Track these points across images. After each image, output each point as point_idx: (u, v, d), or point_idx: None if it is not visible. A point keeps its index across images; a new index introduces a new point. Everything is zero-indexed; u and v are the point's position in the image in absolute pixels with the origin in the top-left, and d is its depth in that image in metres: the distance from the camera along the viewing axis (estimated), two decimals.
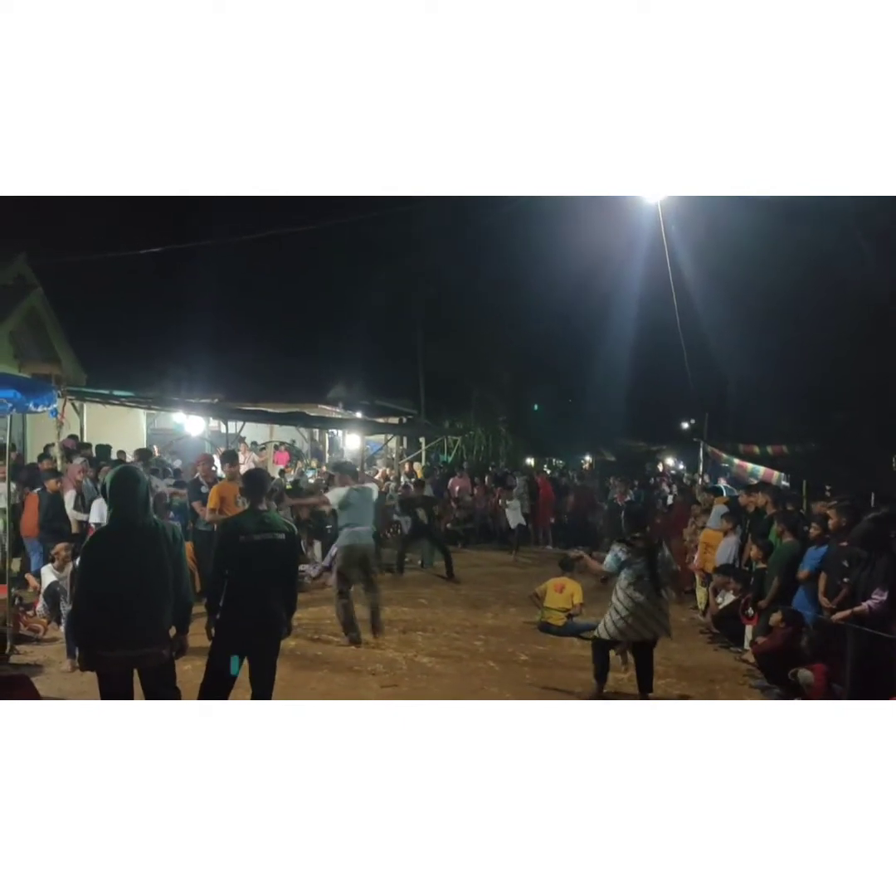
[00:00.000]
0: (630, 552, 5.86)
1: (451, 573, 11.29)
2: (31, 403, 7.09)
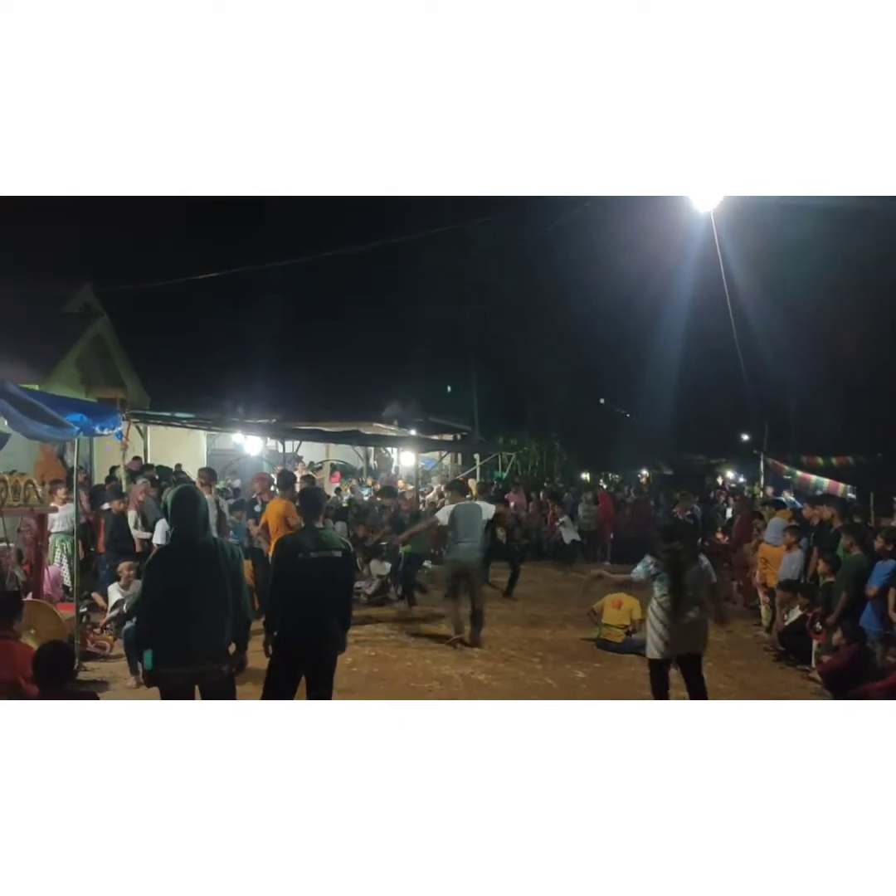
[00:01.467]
0: (660, 565, 5.81)
1: (510, 591, 11.23)
2: (97, 427, 7.31)
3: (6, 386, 5.33)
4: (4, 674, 4.29)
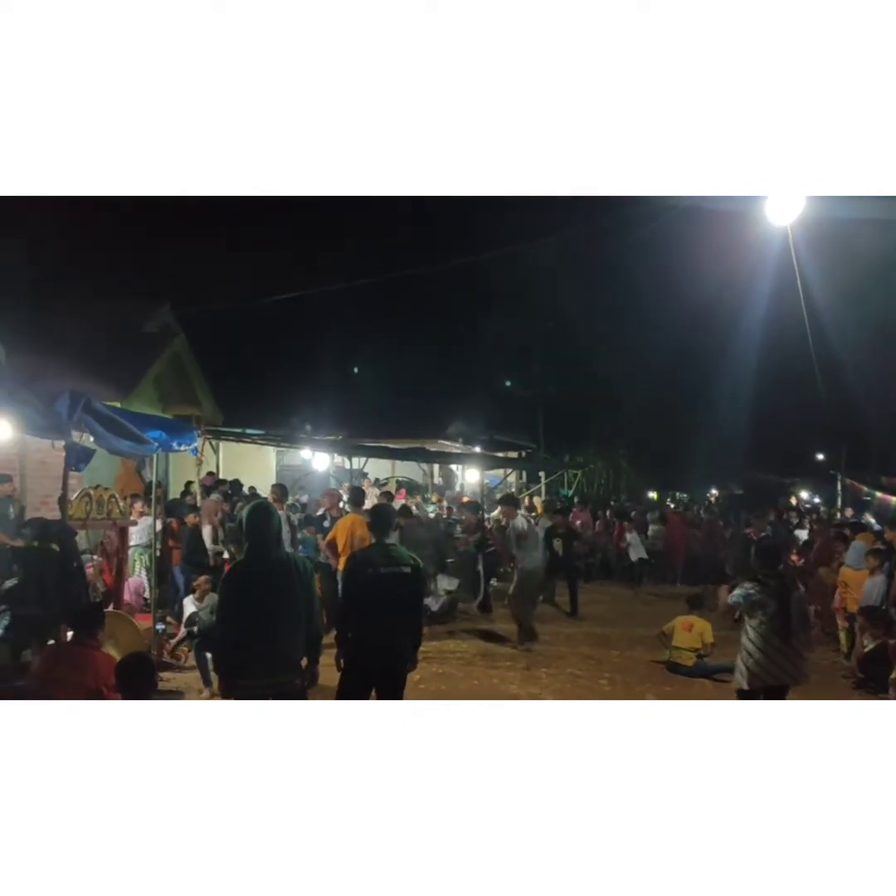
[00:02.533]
0: (762, 591, 5.54)
1: (574, 610, 11.11)
2: (175, 443, 7.56)
3: (92, 403, 5.55)
4: (88, 682, 4.44)
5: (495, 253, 12.06)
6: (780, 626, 5.40)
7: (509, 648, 8.71)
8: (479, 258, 12.98)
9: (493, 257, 12.34)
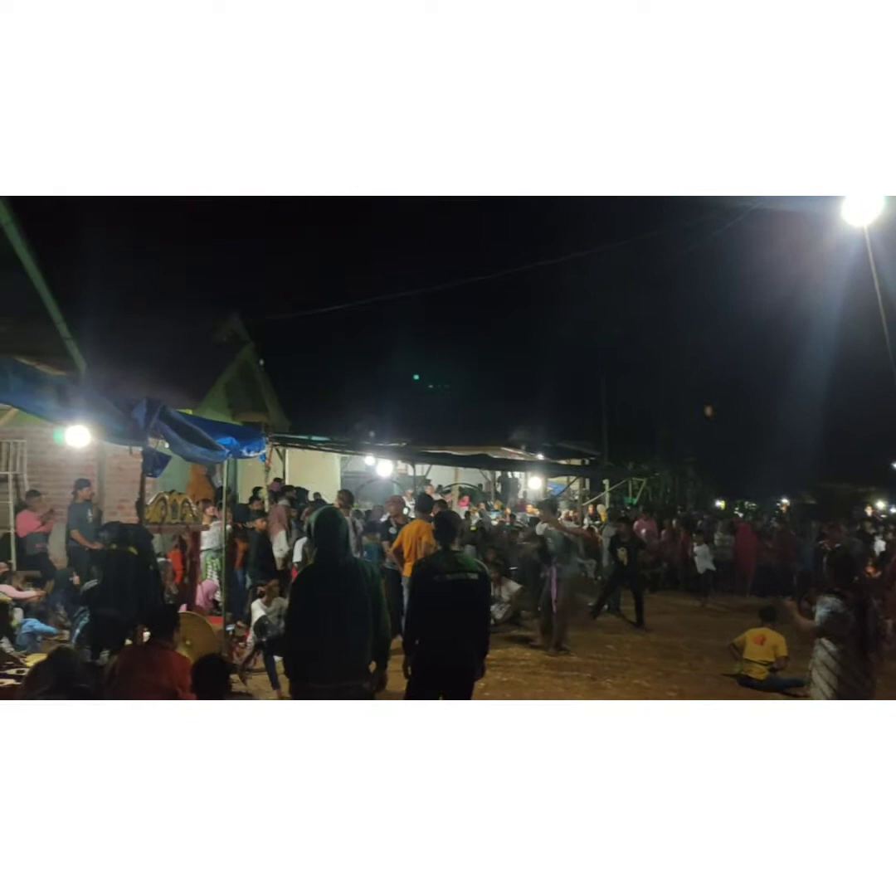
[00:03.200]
0: (845, 605, 5.34)
1: (640, 620, 10.95)
2: (244, 449, 7.71)
3: (168, 411, 5.70)
4: (163, 682, 4.57)
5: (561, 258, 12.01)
6: (859, 642, 5.21)
7: (575, 657, 8.62)
8: (545, 263, 12.93)
9: (560, 262, 12.27)
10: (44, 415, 5.14)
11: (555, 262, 12.32)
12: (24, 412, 5.89)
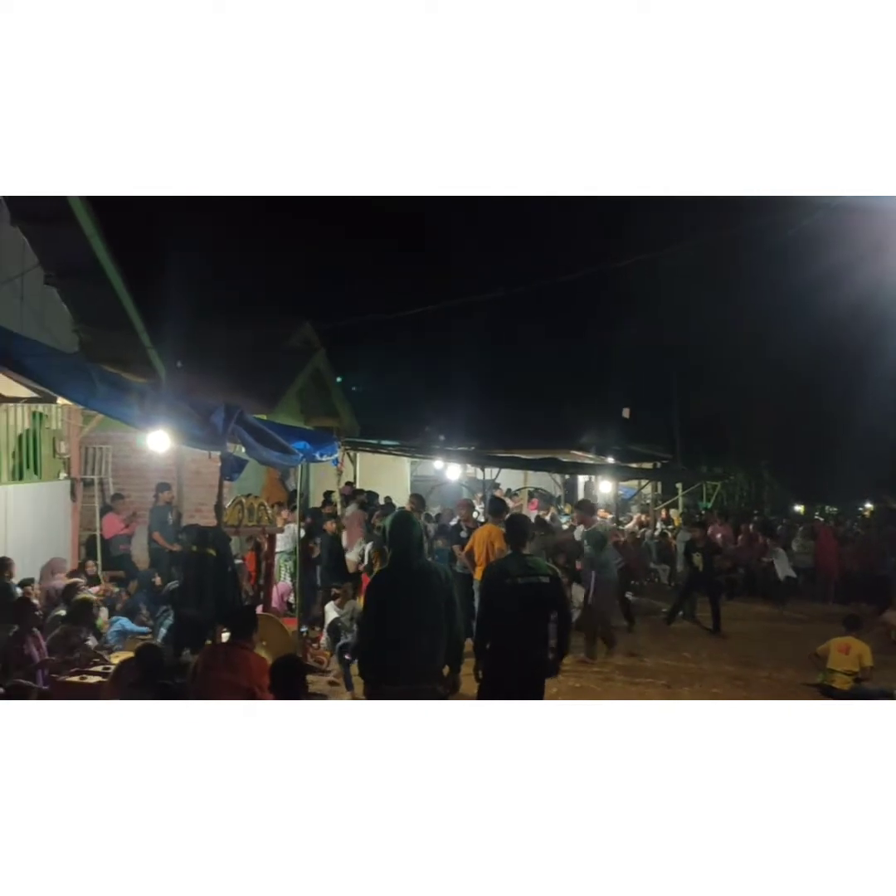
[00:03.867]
0: None
1: (717, 626, 10.69)
2: (317, 453, 7.85)
3: (244, 416, 5.84)
4: (242, 682, 4.67)
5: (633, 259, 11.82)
6: None
7: (649, 664, 8.48)
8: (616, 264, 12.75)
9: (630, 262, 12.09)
10: (128, 420, 5.34)
11: (627, 264, 12.13)
12: (110, 418, 6.13)
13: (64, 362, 5.10)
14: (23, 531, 8.55)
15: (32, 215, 8.29)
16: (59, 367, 4.92)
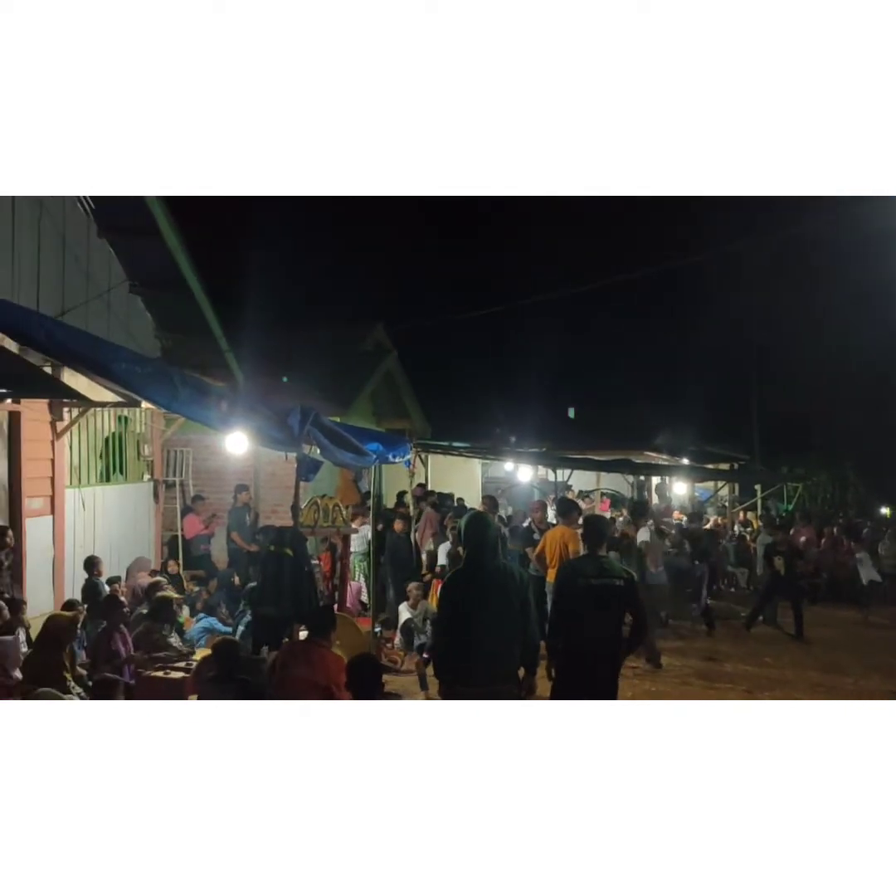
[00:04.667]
0: None
1: (800, 632, 10.35)
2: (390, 455, 7.91)
3: (320, 418, 5.94)
4: (319, 680, 4.75)
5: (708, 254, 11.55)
6: None
7: (729, 668, 8.27)
8: (690, 261, 12.50)
9: (704, 260, 11.83)
10: (208, 423, 5.49)
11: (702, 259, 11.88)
12: (191, 421, 6.31)
13: (147, 367, 5.27)
14: (109, 531, 8.91)
15: (118, 227, 8.62)
16: (143, 372, 5.09)
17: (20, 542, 7.29)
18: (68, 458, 8.22)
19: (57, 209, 7.95)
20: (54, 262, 7.94)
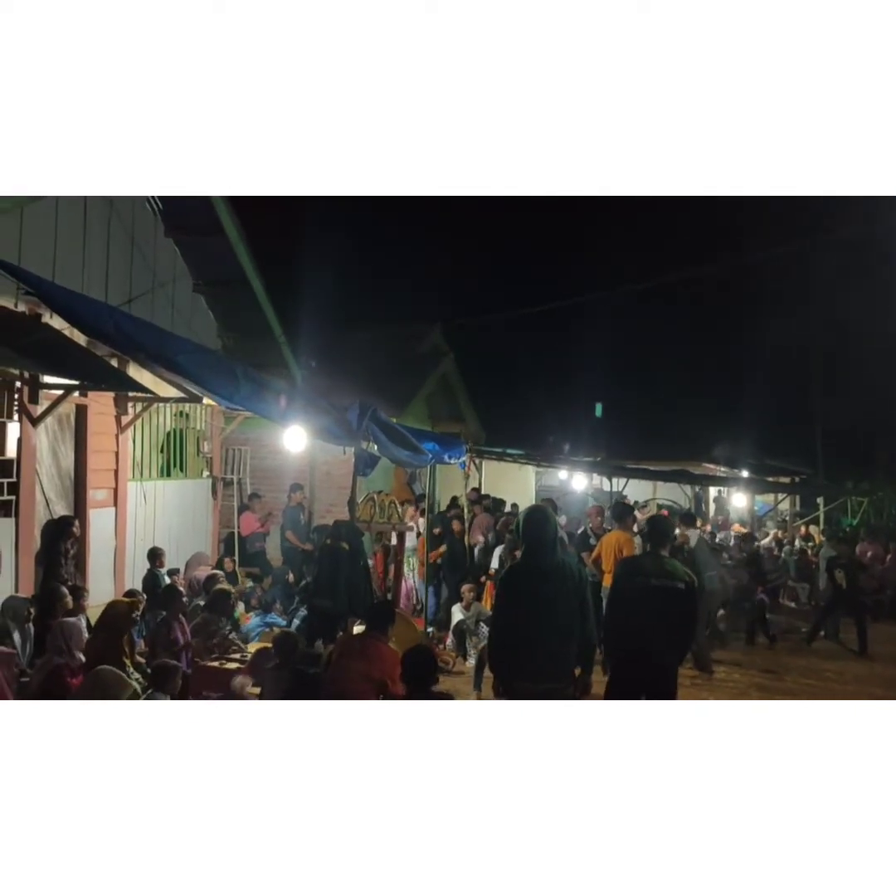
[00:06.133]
0: None
1: (864, 648, 9.99)
2: (446, 455, 7.92)
3: (378, 413, 5.96)
4: (374, 673, 4.74)
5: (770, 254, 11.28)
6: None
7: (789, 683, 8.02)
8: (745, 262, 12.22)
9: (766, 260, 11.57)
10: (269, 416, 5.54)
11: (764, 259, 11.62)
12: (252, 414, 6.39)
13: (211, 359, 5.36)
14: (168, 525, 9.08)
15: (185, 226, 8.82)
16: (207, 364, 5.17)
17: (84, 533, 7.48)
18: (131, 452, 8.41)
19: (126, 209, 8.16)
20: (122, 261, 8.14)
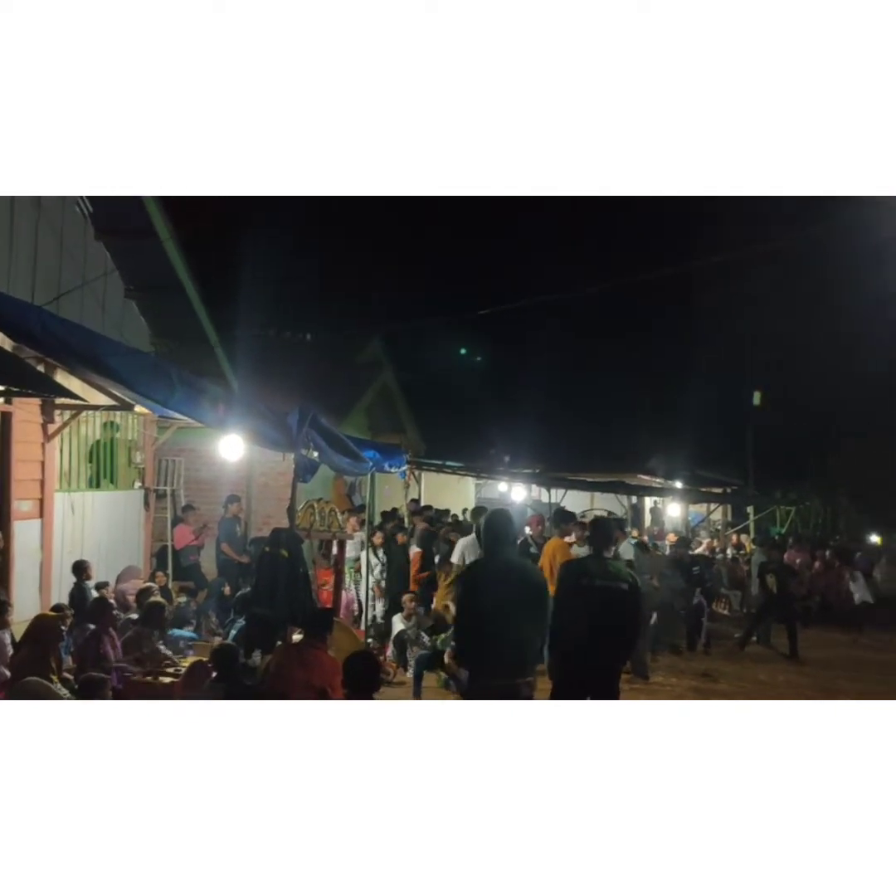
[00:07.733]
0: None
1: (794, 651, 10.26)
2: (386, 464, 7.86)
3: (318, 419, 5.86)
4: (314, 681, 4.64)
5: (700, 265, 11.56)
6: None
7: (724, 686, 8.16)
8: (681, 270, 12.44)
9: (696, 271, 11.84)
10: (205, 421, 5.39)
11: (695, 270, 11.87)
12: (189, 419, 6.21)
13: (145, 362, 5.18)
14: (98, 537, 8.75)
15: (115, 230, 8.58)
16: (140, 367, 4.99)
17: (8, 545, 7.14)
18: (58, 462, 8.09)
19: (55, 210, 7.89)
20: (52, 265, 7.86)
